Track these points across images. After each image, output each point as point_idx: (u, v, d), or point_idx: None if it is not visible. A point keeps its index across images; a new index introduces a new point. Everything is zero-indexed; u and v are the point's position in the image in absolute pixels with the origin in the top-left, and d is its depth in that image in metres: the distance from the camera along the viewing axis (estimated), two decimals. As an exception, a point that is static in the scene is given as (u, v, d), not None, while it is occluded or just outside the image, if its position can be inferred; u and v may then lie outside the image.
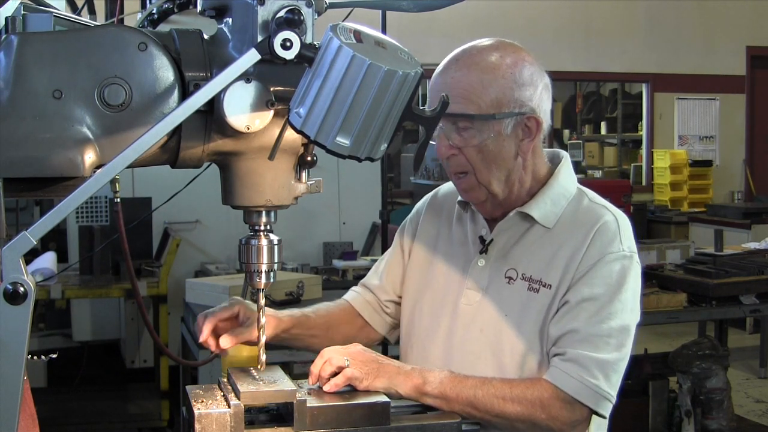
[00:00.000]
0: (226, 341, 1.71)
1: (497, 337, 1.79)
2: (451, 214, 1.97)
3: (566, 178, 1.86)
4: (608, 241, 1.75)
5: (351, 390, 1.64)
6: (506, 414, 1.67)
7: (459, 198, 1.93)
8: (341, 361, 1.65)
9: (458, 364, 1.76)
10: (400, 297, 2.02)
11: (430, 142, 1.36)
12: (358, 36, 1.24)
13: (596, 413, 1.71)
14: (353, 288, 2.09)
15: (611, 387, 1.70)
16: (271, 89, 1.31)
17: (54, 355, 1.71)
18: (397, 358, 1.85)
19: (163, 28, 1.88)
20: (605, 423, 1.81)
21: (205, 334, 1.72)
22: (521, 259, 1.81)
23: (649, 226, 9.44)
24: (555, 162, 1.88)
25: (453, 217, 1.96)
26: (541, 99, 1.77)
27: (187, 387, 1.62)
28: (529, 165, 1.81)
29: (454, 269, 1.89)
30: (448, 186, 2.03)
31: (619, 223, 1.79)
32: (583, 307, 1.71)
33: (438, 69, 1.79)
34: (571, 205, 1.82)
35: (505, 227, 1.83)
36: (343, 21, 1.27)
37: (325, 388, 1.63)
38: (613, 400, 1.71)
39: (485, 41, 1.79)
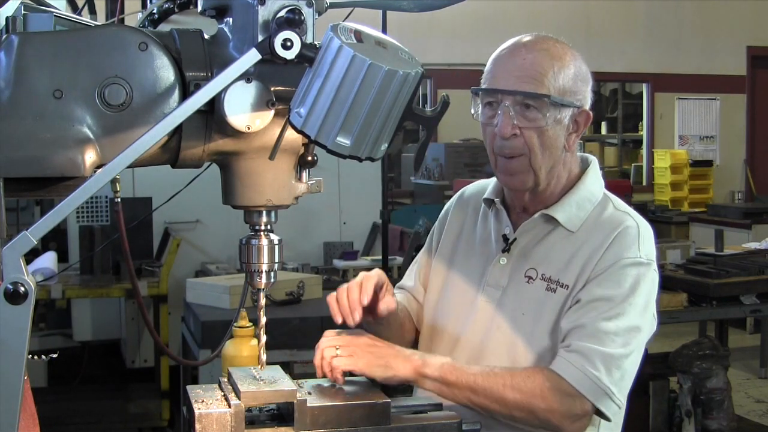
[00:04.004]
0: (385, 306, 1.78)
1: (513, 335, 1.80)
2: (477, 211, 1.98)
3: (593, 182, 1.87)
4: (626, 246, 1.75)
5: (351, 390, 1.64)
6: (505, 400, 1.67)
7: (485, 195, 1.94)
8: (332, 352, 1.67)
9: (476, 361, 1.78)
10: None
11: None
12: (359, 36, 1.24)
13: (598, 411, 1.69)
14: (395, 291, 2.07)
15: (612, 382, 1.68)
16: (272, 89, 1.31)
17: (54, 355, 1.70)
18: None
19: (164, 27, 1.87)
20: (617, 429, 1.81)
21: (358, 316, 1.77)
22: (542, 260, 1.82)
23: (649, 226, 9.43)
24: (584, 165, 1.90)
25: (478, 215, 1.97)
26: (589, 97, 1.82)
27: (188, 387, 1.62)
28: (568, 161, 1.84)
29: (475, 266, 1.91)
30: (475, 185, 2.05)
31: (640, 229, 1.79)
32: (593, 305, 1.72)
33: (500, 53, 1.79)
34: (595, 211, 1.83)
35: (529, 227, 1.85)
36: (343, 21, 1.27)
37: (328, 374, 1.65)
38: (617, 400, 1.70)
39: (540, 35, 1.80)
